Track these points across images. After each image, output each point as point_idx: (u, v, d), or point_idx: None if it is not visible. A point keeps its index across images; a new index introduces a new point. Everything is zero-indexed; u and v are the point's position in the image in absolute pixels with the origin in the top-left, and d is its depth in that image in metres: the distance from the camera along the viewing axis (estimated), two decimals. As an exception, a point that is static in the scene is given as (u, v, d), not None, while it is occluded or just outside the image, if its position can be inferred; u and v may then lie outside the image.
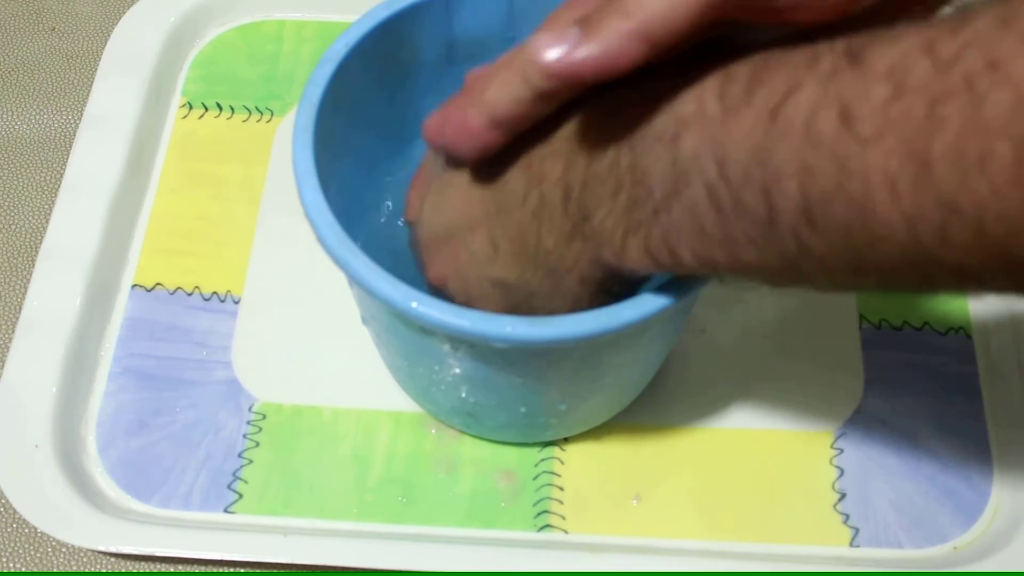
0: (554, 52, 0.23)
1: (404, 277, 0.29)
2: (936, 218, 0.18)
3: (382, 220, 0.40)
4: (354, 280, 0.29)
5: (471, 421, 0.39)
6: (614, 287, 0.29)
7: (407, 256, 0.40)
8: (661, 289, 0.28)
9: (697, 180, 0.22)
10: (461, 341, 0.30)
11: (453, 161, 0.30)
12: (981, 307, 0.45)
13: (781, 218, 0.21)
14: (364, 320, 0.37)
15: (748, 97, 0.21)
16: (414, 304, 0.28)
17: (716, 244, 0.23)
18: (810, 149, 0.20)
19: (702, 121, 0.22)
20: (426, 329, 0.30)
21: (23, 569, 0.40)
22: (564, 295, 0.29)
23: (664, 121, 0.23)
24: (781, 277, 0.23)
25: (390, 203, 0.40)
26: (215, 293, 0.45)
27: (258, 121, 0.50)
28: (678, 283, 0.28)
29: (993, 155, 0.17)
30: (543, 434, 0.41)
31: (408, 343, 0.34)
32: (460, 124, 0.27)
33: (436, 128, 0.28)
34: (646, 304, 0.28)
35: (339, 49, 0.33)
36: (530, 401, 0.36)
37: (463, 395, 0.36)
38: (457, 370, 0.33)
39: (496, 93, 0.26)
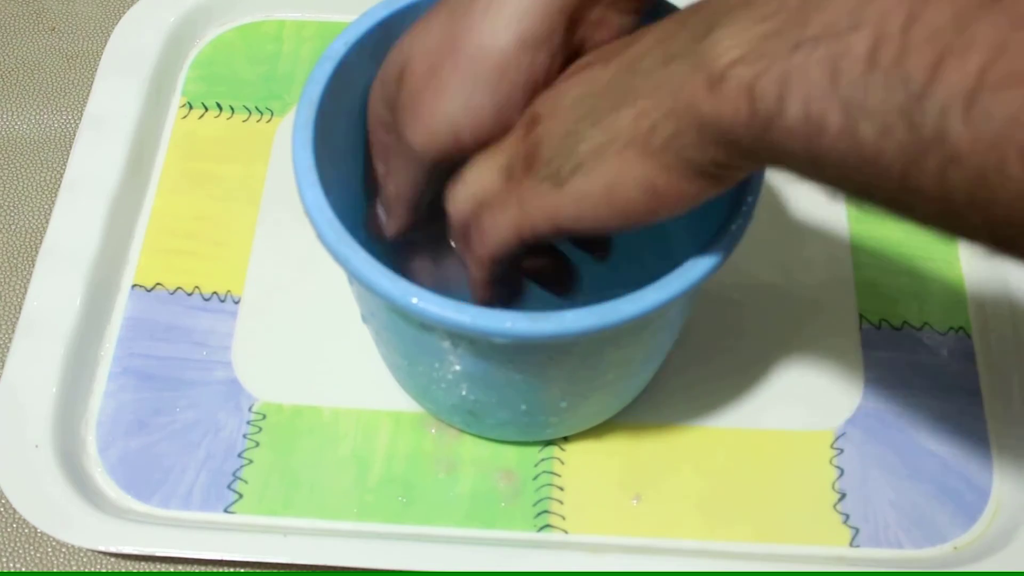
0: (385, 228, 0.35)
1: (405, 273, 0.29)
2: None
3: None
4: (354, 277, 0.29)
5: (471, 419, 0.39)
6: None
7: (407, 251, 0.40)
8: (661, 284, 0.28)
9: (869, 28, 0.19)
10: (461, 337, 0.30)
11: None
12: (981, 307, 0.45)
13: (937, 94, 0.18)
14: (364, 318, 0.37)
15: None
16: (414, 300, 0.28)
17: (839, 105, 0.20)
18: (1019, 31, 0.17)
19: None
20: (426, 325, 0.30)
21: (23, 569, 0.40)
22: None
23: None
24: (879, 180, 0.20)
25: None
26: (215, 293, 0.45)
27: (258, 121, 0.50)
28: (678, 277, 0.28)
29: None
30: (544, 432, 0.41)
31: (408, 340, 0.34)
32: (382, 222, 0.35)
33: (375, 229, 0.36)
34: (646, 299, 0.28)
35: (339, 47, 0.33)
36: (531, 398, 0.36)
37: (463, 393, 0.36)
38: (457, 367, 0.33)
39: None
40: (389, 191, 0.33)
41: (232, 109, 0.50)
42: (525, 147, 0.27)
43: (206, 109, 0.50)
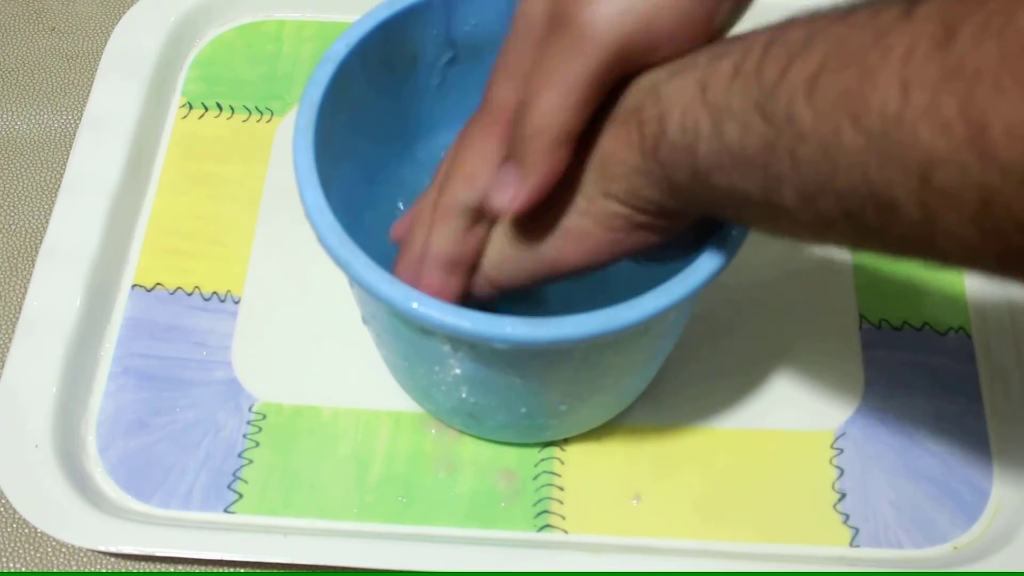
0: (505, 198, 0.27)
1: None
2: (933, 78, 0.18)
3: (383, 220, 0.40)
4: (355, 280, 0.29)
5: (471, 421, 0.39)
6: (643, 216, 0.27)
7: None
8: (661, 290, 0.28)
9: (737, 52, 0.23)
10: (461, 341, 0.30)
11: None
12: (981, 307, 0.45)
13: (785, 84, 0.21)
14: (365, 320, 0.37)
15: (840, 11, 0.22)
16: (414, 304, 0.28)
17: (707, 112, 0.23)
18: (857, 29, 0.20)
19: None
20: (426, 329, 0.30)
21: (23, 569, 0.40)
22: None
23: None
24: (751, 167, 0.23)
25: (391, 203, 0.40)
26: (215, 293, 0.45)
27: (258, 121, 0.50)
28: (678, 283, 0.28)
29: (1013, 22, 0.18)
30: (543, 435, 0.41)
31: (408, 343, 0.34)
32: (425, 288, 0.30)
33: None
34: (646, 305, 0.28)
35: (340, 49, 0.32)
36: (530, 402, 0.36)
37: (463, 395, 0.36)
38: (457, 370, 0.33)
39: (437, 242, 0.30)
40: (536, 114, 0.25)
41: (232, 109, 0.50)
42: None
43: (206, 109, 0.50)
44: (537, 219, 0.28)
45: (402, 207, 0.41)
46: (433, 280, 0.30)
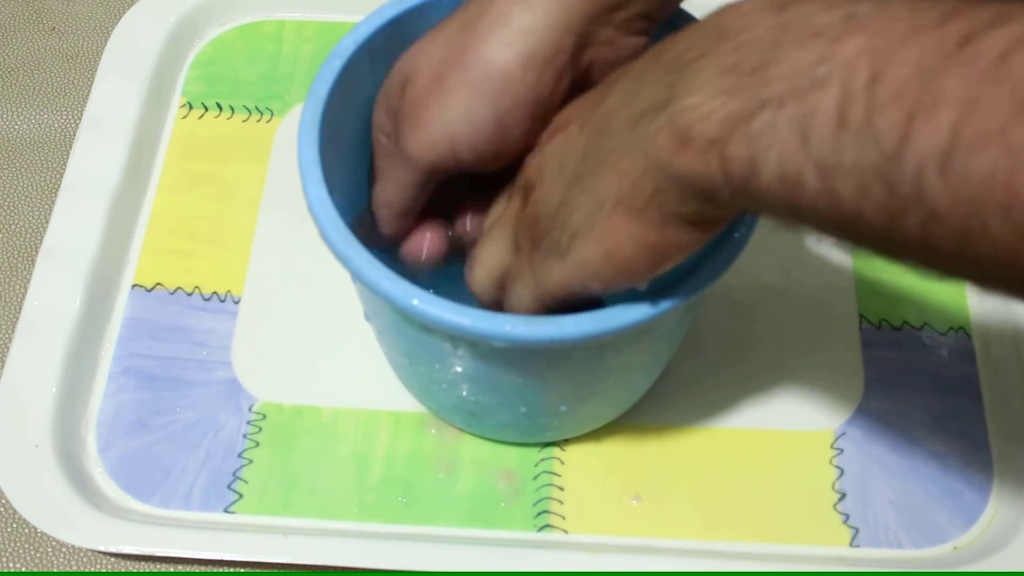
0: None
1: (406, 273, 0.29)
2: None
3: None
4: (356, 276, 0.29)
5: (472, 420, 0.39)
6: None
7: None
8: (662, 292, 0.28)
9: (835, 86, 0.19)
10: (461, 339, 0.30)
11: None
12: (981, 307, 0.45)
13: (911, 154, 0.18)
14: (367, 317, 0.37)
15: (941, 23, 0.18)
16: (415, 301, 0.28)
17: (813, 165, 0.19)
18: (988, 84, 0.17)
19: (877, 29, 0.19)
20: (426, 327, 0.30)
21: (23, 569, 0.40)
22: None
23: (830, 17, 0.20)
24: (863, 233, 0.20)
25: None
26: (215, 293, 0.45)
27: (258, 121, 0.50)
28: (681, 285, 0.28)
29: None
30: (543, 435, 0.41)
31: (409, 340, 0.34)
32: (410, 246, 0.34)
33: (412, 255, 0.35)
34: (646, 307, 0.28)
35: (347, 46, 0.32)
36: (530, 401, 0.36)
37: (464, 394, 0.36)
38: (458, 368, 0.33)
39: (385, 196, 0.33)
40: (381, 197, 0.33)
41: (232, 109, 0.50)
42: (526, 219, 0.29)
43: (206, 109, 0.50)
44: (591, 220, 0.26)
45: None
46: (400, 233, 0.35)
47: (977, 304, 0.45)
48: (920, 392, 0.43)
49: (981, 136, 0.17)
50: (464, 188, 0.34)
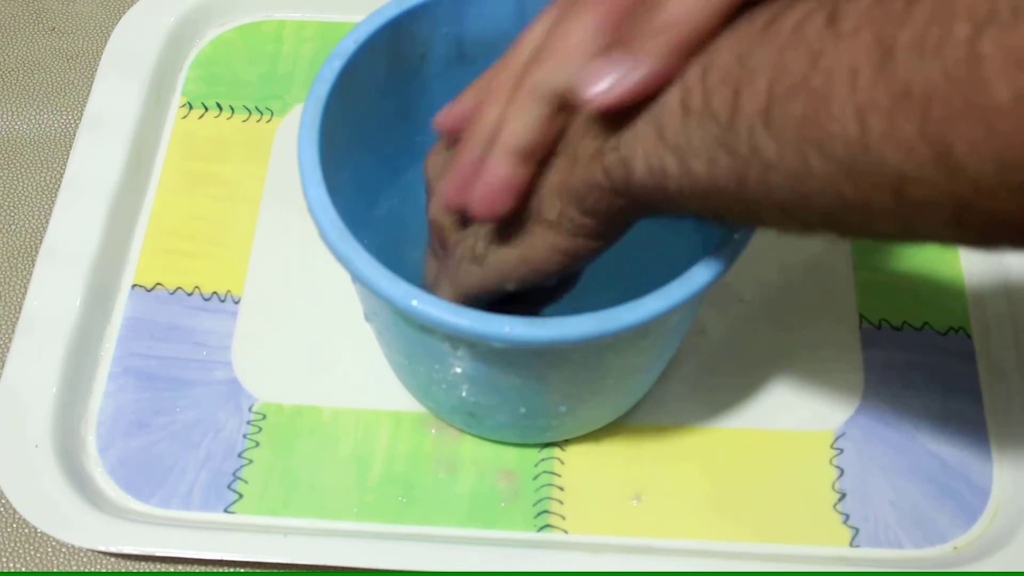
0: (601, 87, 0.24)
1: (406, 275, 0.29)
2: (886, 104, 0.18)
3: (386, 218, 0.41)
4: (356, 277, 0.29)
5: (472, 421, 0.39)
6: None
7: (410, 254, 0.40)
8: (661, 292, 0.28)
9: (677, 84, 0.23)
10: (460, 340, 0.30)
11: (488, 219, 0.28)
12: (981, 307, 0.45)
13: (741, 118, 0.21)
14: (367, 317, 0.37)
15: (751, 19, 0.22)
16: (414, 302, 0.28)
17: (671, 153, 0.23)
18: (789, 49, 0.20)
19: (713, 45, 0.23)
20: (426, 327, 0.30)
21: (23, 569, 0.40)
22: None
23: None
24: (725, 202, 0.23)
25: (394, 201, 0.40)
26: (215, 293, 0.45)
27: (258, 121, 0.50)
28: (679, 286, 0.28)
29: (951, 36, 0.18)
30: (543, 435, 0.41)
31: (409, 341, 0.34)
32: (487, 177, 0.26)
33: (457, 192, 0.28)
34: (646, 307, 0.28)
35: (348, 45, 0.32)
36: (530, 402, 0.36)
37: (463, 394, 0.36)
38: (457, 369, 0.33)
39: (514, 127, 0.26)
40: (663, 15, 0.24)
41: (232, 109, 0.50)
42: (433, 228, 0.32)
43: (206, 109, 0.50)
44: (506, 231, 0.29)
45: (406, 205, 0.41)
46: (500, 170, 0.26)
47: (977, 304, 0.45)
48: (920, 392, 0.43)
49: (789, 89, 0.20)
50: None
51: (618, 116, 0.24)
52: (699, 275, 0.28)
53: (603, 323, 0.28)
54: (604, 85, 0.23)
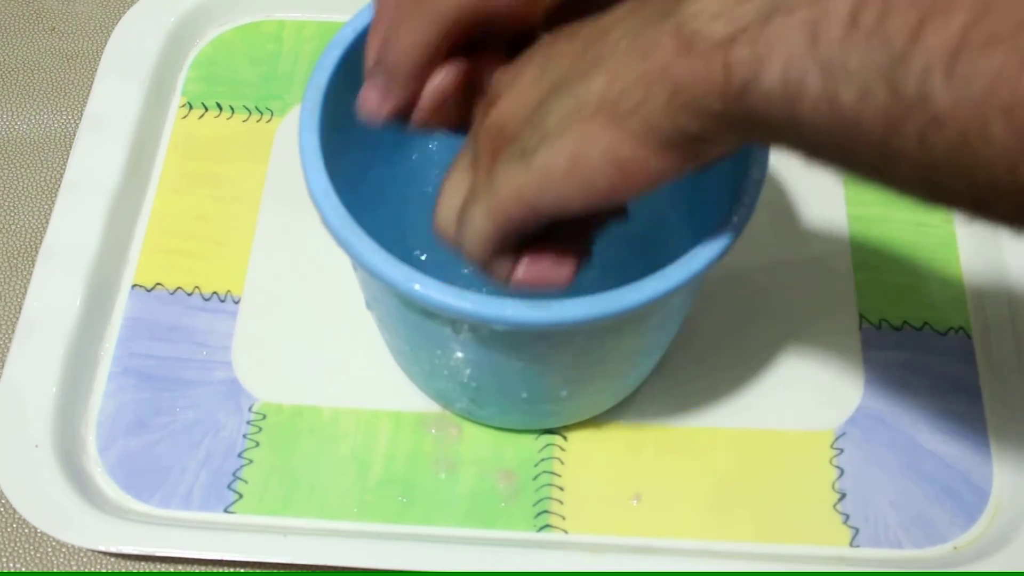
0: (368, 105, 0.28)
1: (408, 260, 0.29)
2: None
3: (388, 204, 0.41)
4: (357, 262, 0.29)
5: (473, 407, 0.40)
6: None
7: (412, 239, 0.40)
8: (661, 275, 0.28)
9: None
10: (462, 323, 0.30)
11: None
12: (981, 307, 0.45)
13: (918, 54, 0.18)
14: (368, 305, 0.37)
15: None
16: (416, 286, 0.28)
17: (818, 68, 0.19)
18: None
19: None
20: (428, 312, 0.30)
21: (23, 569, 0.40)
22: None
23: None
24: (859, 145, 0.20)
25: (397, 189, 0.40)
26: (215, 293, 0.45)
27: (258, 121, 0.50)
28: (679, 268, 0.28)
29: None
30: (545, 421, 0.41)
31: (411, 326, 0.34)
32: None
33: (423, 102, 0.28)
34: (647, 289, 0.28)
35: (347, 34, 0.33)
36: (531, 386, 0.36)
37: (465, 380, 0.36)
38: (459, 354, 0.33)
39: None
40: (391, 53, 0.27)
41: (232, 109, 0.50)
42: (490, 129, 0.26)
43: (206, 109, 0.50)
44: (566, 119, 0.24)
45: (407, 191, 0.41)
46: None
47: (977, 304, 0.45)
48: (920, 392, 0.43)
49: (990, 38, 0.17)
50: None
51: (764, 3, 0.20)
52: (698, 257, 0.28)
53: (605, 305, 0.28)
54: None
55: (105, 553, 0.40)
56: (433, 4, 0.26)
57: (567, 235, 0.27)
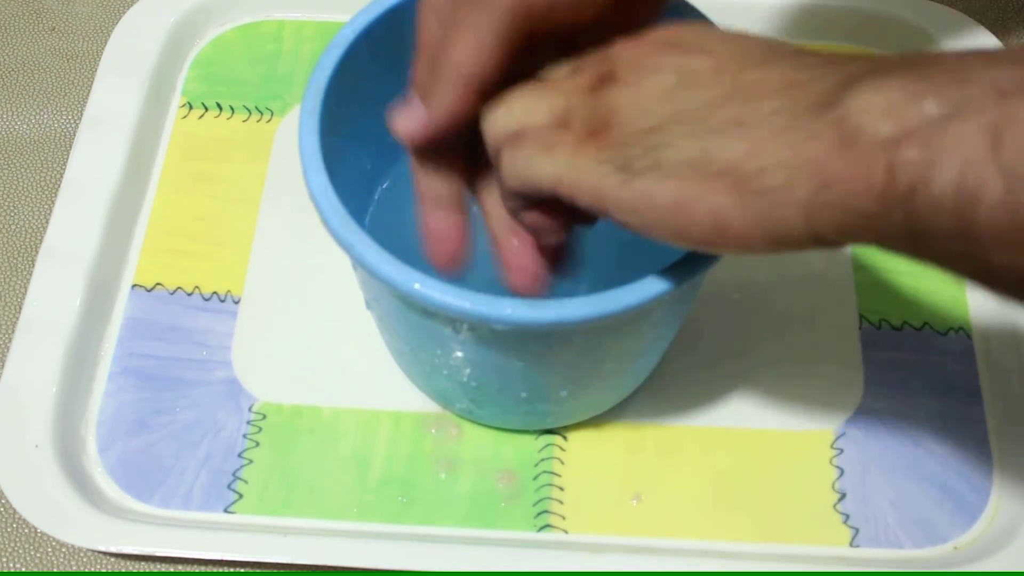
0: (403, 122, 0.28)
1: (408, 260, 0.29)
2: None
3: (387, 205, 0.41)
4: (357, 262, 0.29)
5: (473, 407, 0.40)
6: None
7: (410, 240, 0.40)
8: (661, 275, 0.28)
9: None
10: (462, 323, 0.30)
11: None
12: (981, 307, 0.45)
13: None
14: (368, 304, 0.37)
15: None
16: (416, 286, 0.28)
17: (999, 172, 0.18)
18: None
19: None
20: (428, 311, 0.30)
21: (23, 569, 0.40)
22: None
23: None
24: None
25: (396, 189, 0.40)
26: (215, 293, 0.45)
27: (258, 121, 0.50)
28: (679, 269, 0.28)
29: None
30: (544, 421, 0.41)
31: (411, 326, 0.34)
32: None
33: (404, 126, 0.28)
34: (646, 289, 0.28)
35: (347, 35, 0.33)
36: (531, 386, 0.36)
37: (465, 380, 0.36)
38: (459, 353, 0.33)
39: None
40: (445, 61, 0.26)
41: (232, 109, 0.50)
42: (595, 110, 0.25)
43: (206, 109, 0.50)
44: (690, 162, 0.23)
45: (407, 192, 0.41)
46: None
47: (977, 304, 0.45)
48: (920, 392, 0.43)
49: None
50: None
51: (944, 102, 0.19)
52: (700, 257, 0.29)
53: (605, 304, 0.28)
54: (403, 124, 0.28)
55: (105, 553, 0.40)
56: (488, 14, 0.25)
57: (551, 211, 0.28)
